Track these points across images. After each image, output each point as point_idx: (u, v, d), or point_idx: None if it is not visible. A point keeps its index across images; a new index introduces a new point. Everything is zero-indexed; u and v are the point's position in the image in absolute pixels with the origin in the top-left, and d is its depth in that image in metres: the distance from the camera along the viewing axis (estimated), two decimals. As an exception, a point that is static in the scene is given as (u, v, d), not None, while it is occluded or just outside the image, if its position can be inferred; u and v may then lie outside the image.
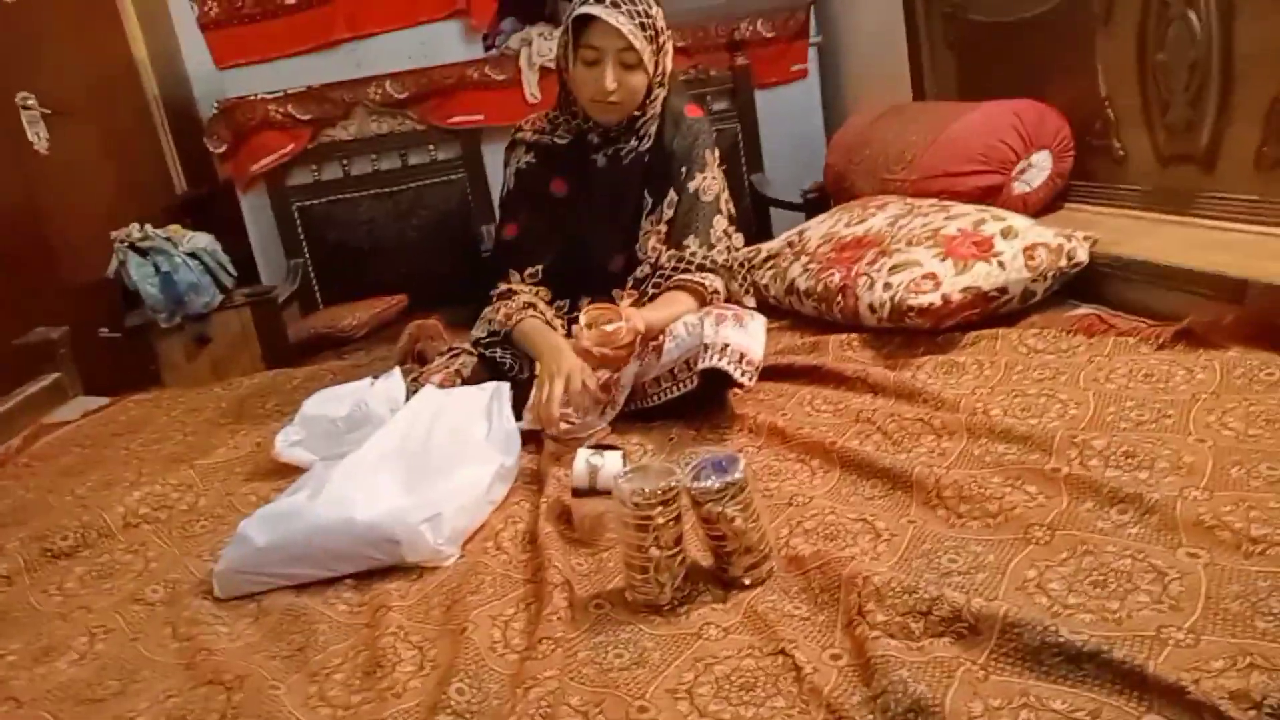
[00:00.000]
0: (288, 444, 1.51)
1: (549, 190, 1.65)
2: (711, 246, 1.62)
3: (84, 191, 3.21)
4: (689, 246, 1.61)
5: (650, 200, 1.64)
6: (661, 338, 1.48)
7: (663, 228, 1.64)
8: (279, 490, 1.40)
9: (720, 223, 1.65)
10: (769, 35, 3.03)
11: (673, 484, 0.97)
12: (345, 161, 2.83)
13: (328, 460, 1.36)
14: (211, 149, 2.83)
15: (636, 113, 1.58)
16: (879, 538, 1.02)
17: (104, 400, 2.23)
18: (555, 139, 1.65)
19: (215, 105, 2.80)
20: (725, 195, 1.70)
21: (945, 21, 2.35)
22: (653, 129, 1.63)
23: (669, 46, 1.58)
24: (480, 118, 2.87)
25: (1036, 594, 0.87)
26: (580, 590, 1.02)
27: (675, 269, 1.61)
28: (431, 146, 2.88)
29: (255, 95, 2.77)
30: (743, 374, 1.36)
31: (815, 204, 2.52)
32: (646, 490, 0.96)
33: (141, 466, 1.64)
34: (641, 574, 0.97)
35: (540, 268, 1.65)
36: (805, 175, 2.89)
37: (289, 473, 1.46)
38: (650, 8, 1.50)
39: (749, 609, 0.94)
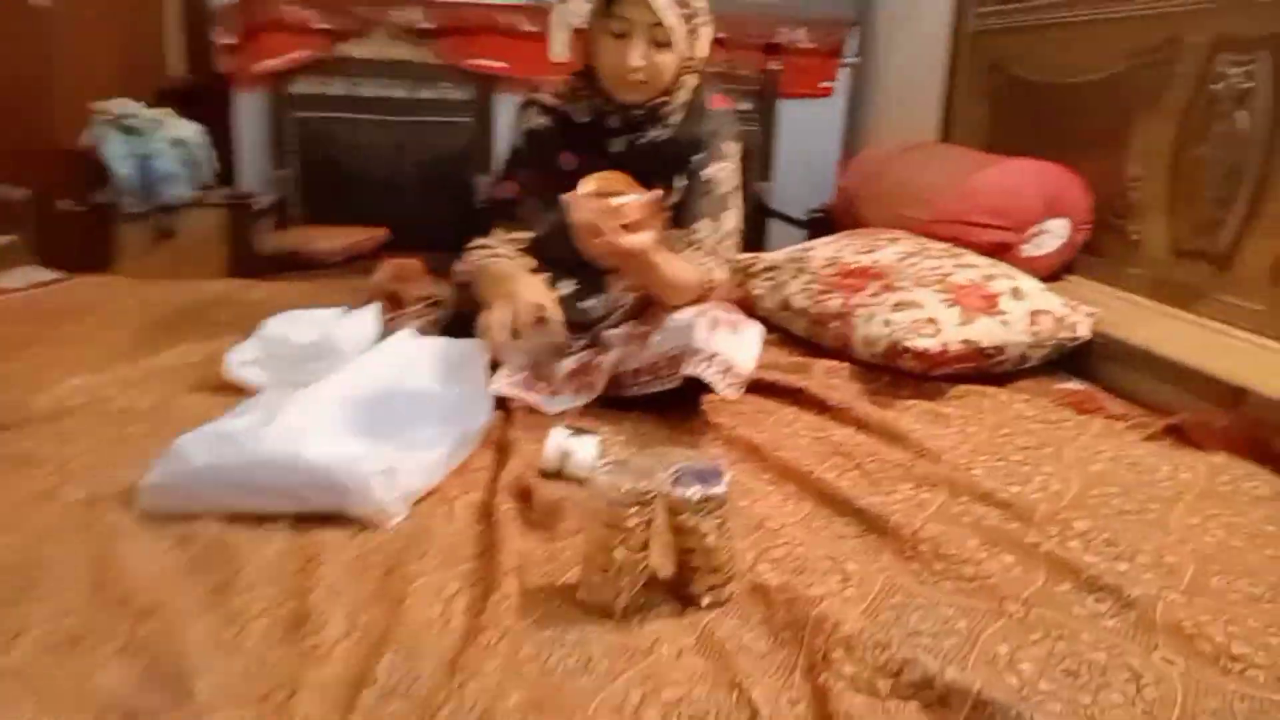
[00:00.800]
0: (241, 361, 1.43)
1: (557, 160, 1.54)
2: (723, 239, 1.51)
3: (76, 56, 3.03)
4: (699, 230, 1.50)
5: (661, 189, 1.52)
6: (648, 327, 1.42)
7: (669, 212, 1.53)
8: (224, 408, 1.32)
9: (731, 217, 1.54)
10: (806, 46, 2.98)
11: (652, 486, 0.92)
12: (355, 80, 2.72)
13: (281, 387, 1.28)
14: (217, 40, 2.69)
15: (663, 98, 1.49)
16: (848, 580, 0.97)
17: (53, 274, 2.11)
18: (574, 112, 1.54)
19: (230, -6, 2.66)
20: (739, 194, 1.59)
21: (986, 72, 2.32)
22: (678, 118, 1.53)
23: (706, 31, 1.48)
24: (503, 65, 2.78)
25: (1006, 672, 0.83)
26: (530, 578, 0.96)
27: (684, 250, 1.48)
28: (446, 84, 2.78)
29: (275, -8, 2.65)
30: (728, 386, 1.32)
31: (819, 225, 2.48)
32: (624, 488, 0.90)
33: (82, 352, 1.54)
34: (601, 574, 0.92)
35: (530, 235, 1.53)
36: (810, 194, 2.86)
37: (236, 392, 1.38)
38: None
39: (706, 632, 0.89)
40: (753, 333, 1.44)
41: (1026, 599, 0.94)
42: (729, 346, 1.35)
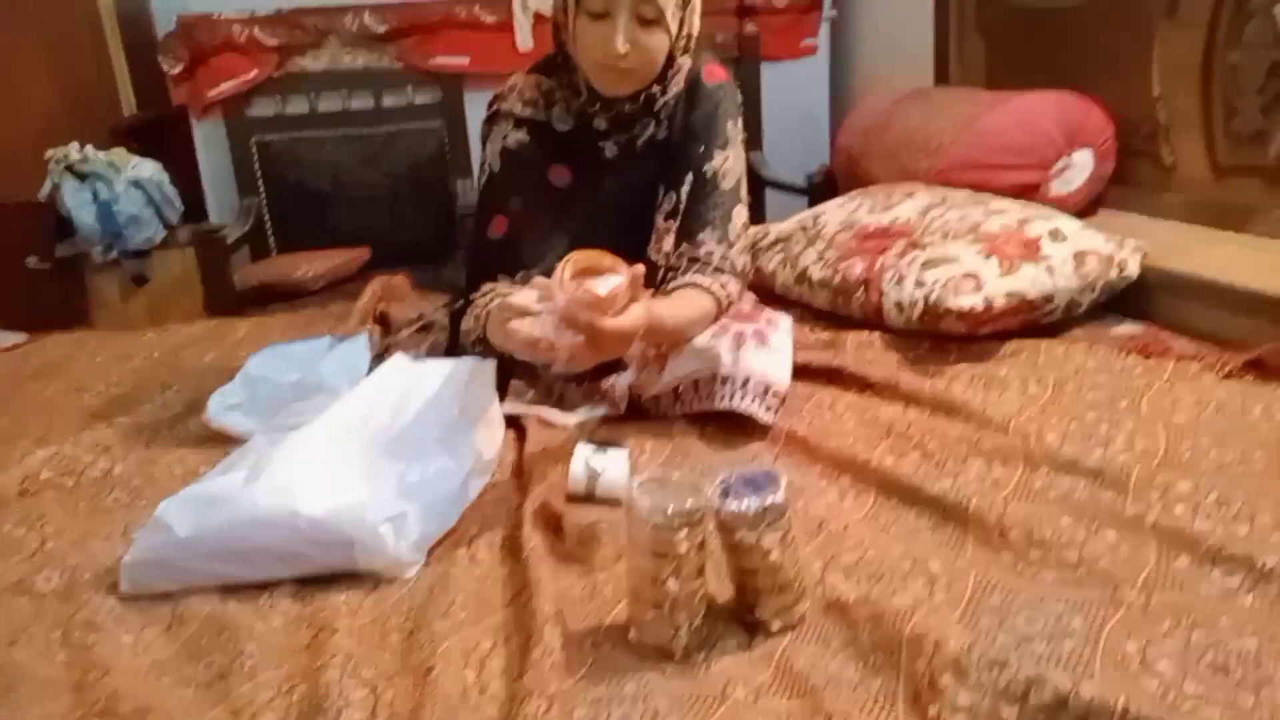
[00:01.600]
0: (224, 407, 1.31)
1: (546, 177, 1.33)
2: (730, 245, 1.29)
3: (18, 103, 2.91)
4: (704, 243, 1.28)
5: (663, 190, 1.33)
6: (665, 348, 1.28)
7: (675, 219, 1.32)
8: (210, 463, 1.20)
9: (740, 214, 1.31)
10: (780, 5, 2.84)
11: (700, 504, 0.80)
12: (313, 95, 2.58)
13: (270, 433, 1.16)
14: (166, 69, 2.56)
15: (655, 88, 1.27)
16: (934, 583, 0.85)
17: (20, 337, 1.99)
18: (553, 119, 1.32)
19: (174, 20, 2.52)
20: (744, 180, 1.35)
21: (979, 4, 2.19)
22: (675, 108, 1.32)
23: (697, 3, 1.25)
24: (465, 61, 2.64)
25: (1142, 675, 0.71)
26: (573, 622, 0.84)
27: (680, 265, 1.28)
28: (409, 88, 2.64)
29: (219, 14, 2.51)
30: (766, 409, 1.19)
31: (821, 189, 2.34)
32: (670, 510, 0.78)
33: (53, 419, 1.42)
34: (654, 610, 0.80)
35: (534, 272, 1.26)
36: (805, 157, 2.73)
37: (224, 442, 1.26)
38: None
39: (783, 664, 0.77)
40: (781, 336, 1.31)
41: (1144, 582, 0.82)
42: (761, 364, 1.22)
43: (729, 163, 1.33)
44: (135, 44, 3.12)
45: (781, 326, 1.33)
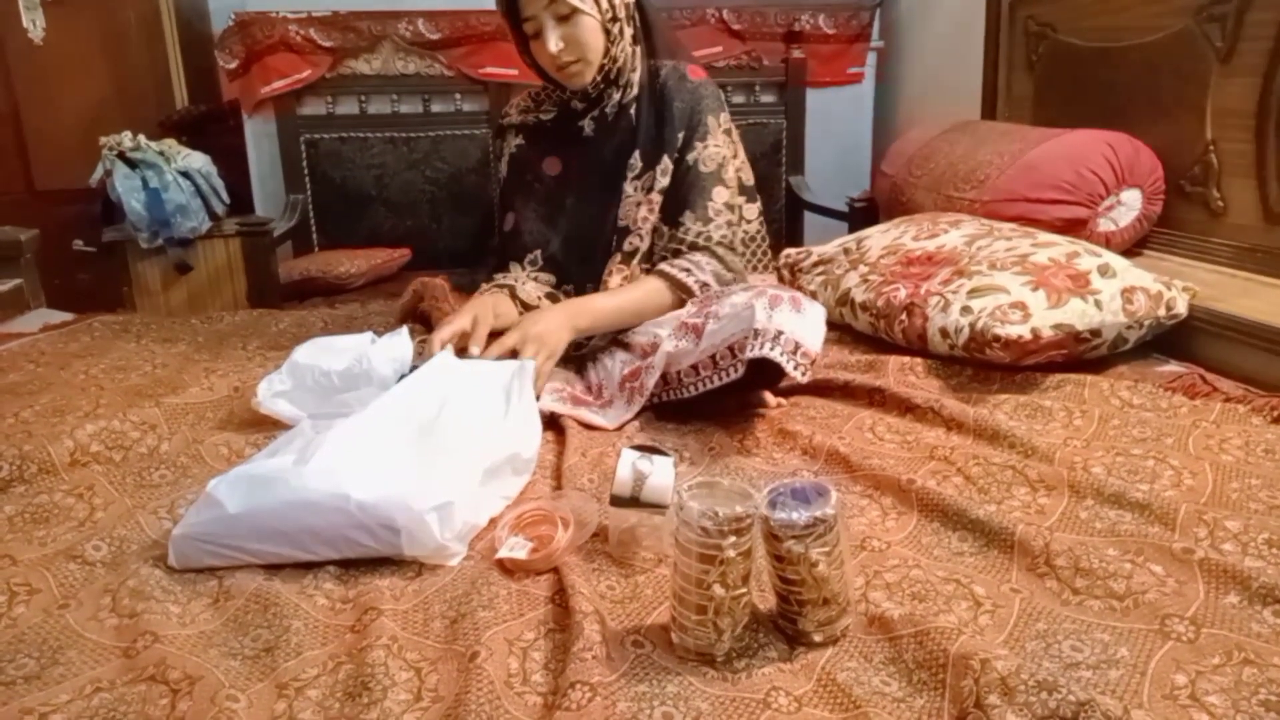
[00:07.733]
0: (271, 393, 1.32)
1: (542, 171, 1.57)
2: (709, 222, 1.48)
3: (76, 90, 2.99)
4: (684, 224, 1.49)
5: (640, 164, 1.50)
6: (699, 319, 1.30)
7: (655, 197, 1.49)
8: (255, 446, 1.22)
9: (721, 194, 1.50)
10: (829, 32, 2.86)
11: (749, 510, 0.80)
12: (363, 98, 2.63)
13: (317, 420, 1.17)
14: (221, 63, 2.61)
15: (605, 60, 1.45)
16: (979, 606, 0.85)
17: (67, 316, 2.03)
18: (541, 115, 1.58)
19: (231, 17, 2.58)
20: (735, 164, 1.57)
21: (1030, 40, 2.20)
22: (635, 76, 1.51)
23: None
24: (514, 72, 2.67)
25: (1192, 707, 0.70)
26: (613, 621, 0.84)
27: (665, 252, 1.50)
28: (458, 96, 2.68)
29: (276, 12, 2.56)
30: (795, 366, 1.19)
31: (862, 214, 2.35)
32: (720, 514, 0.78)
33: (100, 396, 1.44)
34: (697, 615, 0.80)
35: (539, 253, 1.56)
36: (846, 183, 2.75)
37: (268, 426, 1.27)
38: None
39: (824, 676, 0.77)
40: (816, 310, 1.30)
41: (1193, 617, 0.81)
42: (793, 324, 1.21)
43: (709, 150, 1.50)
44: (190, 39, 3.19)
45: (816, 306, 1.33)
